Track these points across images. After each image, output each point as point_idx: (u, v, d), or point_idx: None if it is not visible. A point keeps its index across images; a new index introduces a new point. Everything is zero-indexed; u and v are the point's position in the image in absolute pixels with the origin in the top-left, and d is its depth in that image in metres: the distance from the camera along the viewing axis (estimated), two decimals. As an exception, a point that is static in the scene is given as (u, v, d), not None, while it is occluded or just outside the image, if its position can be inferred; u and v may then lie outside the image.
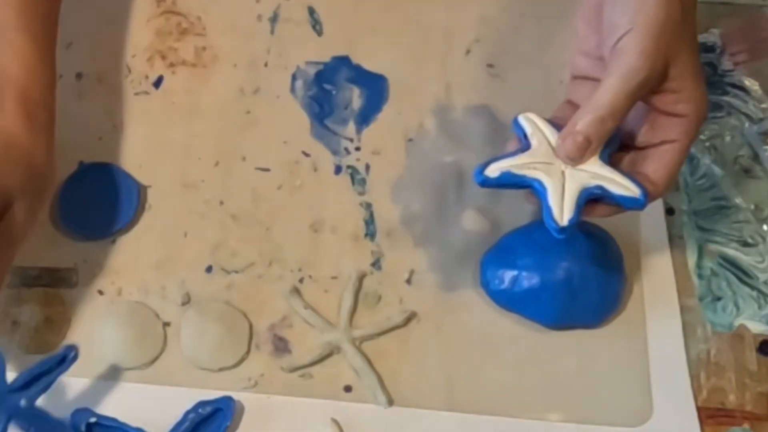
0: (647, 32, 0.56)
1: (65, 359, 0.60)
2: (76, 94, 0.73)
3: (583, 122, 0.57)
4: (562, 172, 0.58)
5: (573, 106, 0.62)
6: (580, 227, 0.68)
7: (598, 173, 0.58)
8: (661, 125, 0.59)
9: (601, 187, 0.58)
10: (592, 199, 0.58)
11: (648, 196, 0.58)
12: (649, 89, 0.57)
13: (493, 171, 0.58)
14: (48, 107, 0.63)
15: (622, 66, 0.56)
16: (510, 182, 0.58)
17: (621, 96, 0.56)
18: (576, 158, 0.58)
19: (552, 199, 0.57)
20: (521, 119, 0.60)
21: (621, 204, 0.58)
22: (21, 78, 0.61)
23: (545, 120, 0.60)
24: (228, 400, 0.63)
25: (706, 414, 0.65)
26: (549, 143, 0.59)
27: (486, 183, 0.58)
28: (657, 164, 0.59)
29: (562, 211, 0.57)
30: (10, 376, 0.64)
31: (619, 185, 0.58)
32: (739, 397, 0.65)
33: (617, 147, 0.60)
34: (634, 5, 0.57)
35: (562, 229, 0.57)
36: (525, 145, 0.60)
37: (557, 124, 0.60)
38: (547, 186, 0.58)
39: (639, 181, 0.58)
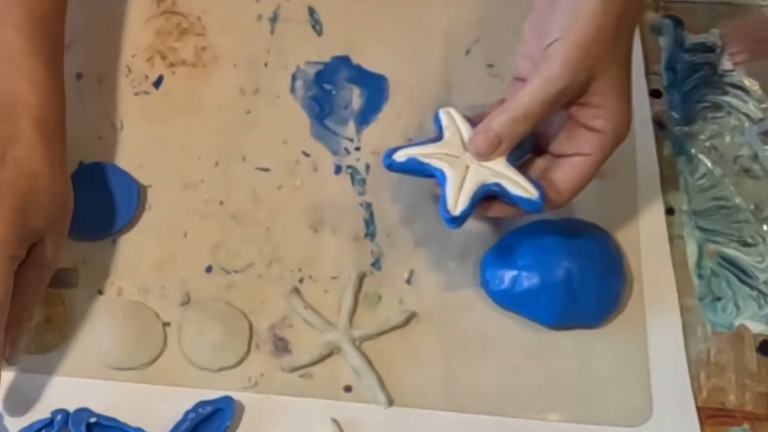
0: (575, 43, 0.56)
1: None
2: (76, 94, 0.72)
3: (497, 121, 0.58)
4: (467, 167, 0.59)
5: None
6: (580, 227, 0.68)
7: (500, 172, 0.59)
8: (578, 137, 0.59)
9: (499, 185, 0.59)
10: (490, 196, 0.60)
11: (548, 203, 0.59)
12: (569, 99, 0.58)
13: (401, 156, 0.60)
14: (62, 134, 0.63)
15: (544, 72, 0.57)
16: (414, 169, 0.60)
17: (538, 101, 0.57)
18: (484, 154, 0.59)
19: (449, 189, 0.59)
20: (441, 112, 0.62)
21: (518, 204, 0.59)
22: (36, 107, 0.61)
23: (464, 116, 0.61)
24: (228, 400, 0.63)
25: (706, 414, 0.65)
26: (461, 138, 0.60)
27: (392, 167, 0.60)
28: (565, 174, 0.60)
29: (457, 202, 0.58)
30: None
31: (518, 186, 0.59)
32: (739, 397, 0.65)
33: (528, 151, 0.62)
34: (569, 15, 0.57)
35: (453, 219, 0.58)
36: (438, 137, 0.61)
37: (478, 120, 0.61)
38: (447, 176, 0.59)
39: (545, 187, 0.60)
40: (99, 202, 0.68)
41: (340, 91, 0.73)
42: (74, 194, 0.68)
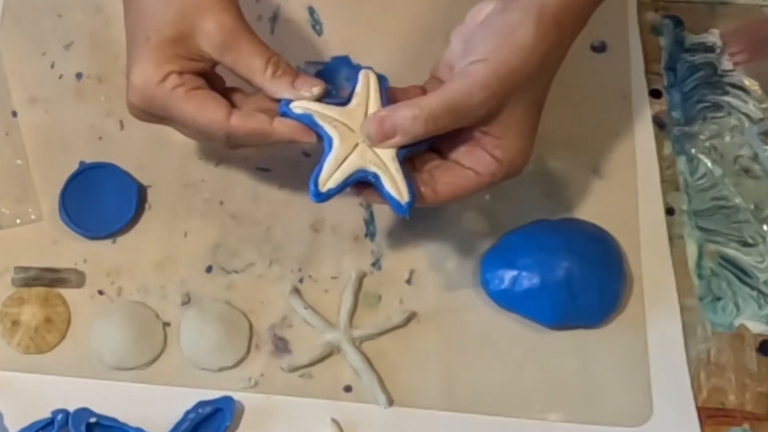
0: (496, 70, 0.56)
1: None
2: (76, 94, 0.73)
3: (399, 114, 0.57)
4: (356, 145, 0.58)
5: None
6: (580, 227, 0.68)
7: (384, 163, 0.58)
8: (477, 155, 0.59)
9: (376, 177, 0.58)
10: (365, 182, 0.58)
11: (420, 198, 0.58)
12: (473, 121, 0.57)
13: (298, 107, 0.59)
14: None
15: (459, 85, 0.57)
16: (307, 124, 0.58)
17: (443, 109, 0.56)
18: (374, 141, 0.58)
19: (327, 164, 0.57)
20: (361, 75, 0.60)
21: (387, 201, 0.58)
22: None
23: (382, 87, 0.60)
24: (228, 400, 0.64)
25: (706, 414, 0.65)
26: (366, 112, 0.59)
27: (286, 115, 0.58)
28: (451, 180, 0.59)
29: (329, 179, 0.57)
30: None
31: (394, 185, 0.57)
32: (739, 397, 0.65)
33: (422, 150, 0.60)
34: (497, 40, 0.57)
35: (318, 194, 0.57)
36: (346, 101, 0.60)
37: (394, 99, 0.59)
38: (333, 148, 0.58)
39: (425, 182, 0.58)
40: (99, 202, 0.68)
41: (340, 91, 0.73)
42: (74, 194, 0.68)
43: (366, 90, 0.60)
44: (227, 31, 0.58)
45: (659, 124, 0.73)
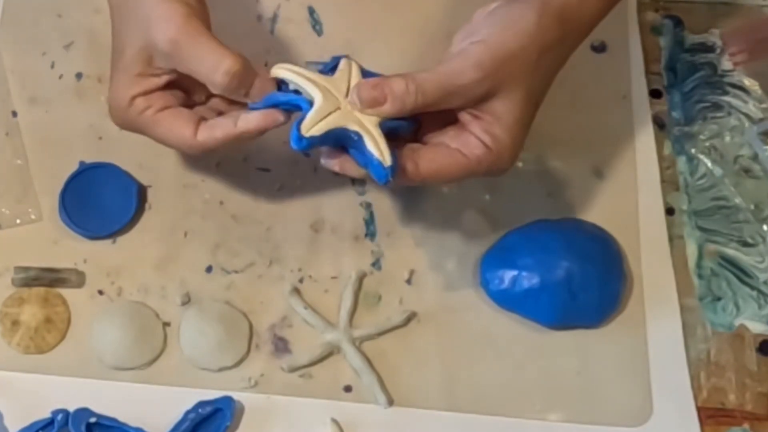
0: (492, 51, 0.56)
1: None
2: (76, 94, 0.73)
3: (393, 81, 0.56)
4: (338, 108, 0.57)
5: None
6: (580, 227, 0.68)
7: (366, 126, 0.57)
8: (464, 138, 0.58)
9: (358, 135, 0.56)
10: (344, 147, 0.57)
11: (401, 175, 0.57)
12: (463, 100, 0.57)
13: (282, 69, 0.59)
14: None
15: (454, 63, 0.56)
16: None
17: (435, 84, 0.56)
18: (364, 104, 0.57)
19: (312, 112, 0.57)
20: (343, 61, 0.60)
21: (368, 167, 0.57)
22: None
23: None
24: (228, 400, 0.64)
25: (706, 414, 0.65)
26: (348, 86, 0.58)
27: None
28: (434, 156, 0.58)
29: (310, 127, 0.56)
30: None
31: (377, 147, 0.56)
32: (739, 397, 0.66)
33: (406, 131, 0.59)
34: (500, 25, 0.57)
35: (301, 139, 0.56)
36: (330, 71, 0.60)
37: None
38: (316, 102, 0.57)
39: (406, 157, 0.57)
40: (99, 202, 0.68)
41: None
42: (74, 194, 0.68)
43: (348, 69, 0.59)
44: (169, 41, 0.57)
45: (659, 124, 0.73)
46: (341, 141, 0.57)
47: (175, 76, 0.60)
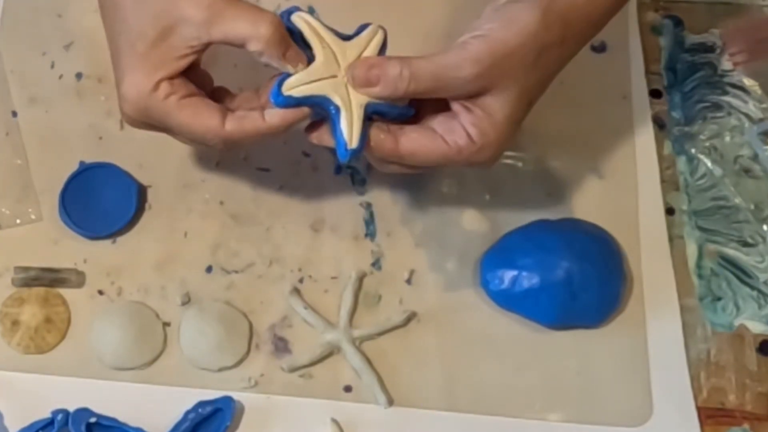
0: (492, 47, 0.56)
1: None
2: (76, 94, 0.73)
3: (389, 65, 0.56)
4: (334, 76, 0.57)
5: None
6: (580, 227, 0.68)
7: (351, 105, 0.56)
8: (450, 125, 0.57)
9: (337, 110, 0.56)
10: (322, 117, 0.57)
11: (374, 149, 0.57)
12: (456, 93, 0.57)
13: (298, 18, 0.58)
14: None
15: (452, 55, 0.56)
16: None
17: (429, 74, 0.56)
18: (357, 82, 0.57)
19: (301, 74, 0.56)
20: (372, 26, 0.60)
21: (334, 140, 0.57)
22: None
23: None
24: (228, 400, 0.64)
25: (706, 414, 0.65)
26: (334, 55, 0.58)
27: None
28: (416, 136, 0.57)
29: (293, 87, 0.56)
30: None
31: (349, 127, 0.56)
32: (739, 397, 0.66)
33: (388, 116, 0.58)
34: (502, 21, 0.56)
35: (278, 95, 0.56)
36: (348, 37, 0.59)
37: (338, 33, 0.59)
38: (312, 64, 0.57)
39: (387, 132, 0.57)
40: (99, 202, 0.68)
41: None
42: (74, 194, 0.68)
43: (369, 39, 0.59)
44: (206, 6, 0.56)
45: (659, 124, 0.73)
46: (320, 109, 0.57)
47: (196, 59, 0.58)
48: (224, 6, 0.57)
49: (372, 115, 0.57)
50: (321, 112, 0.57)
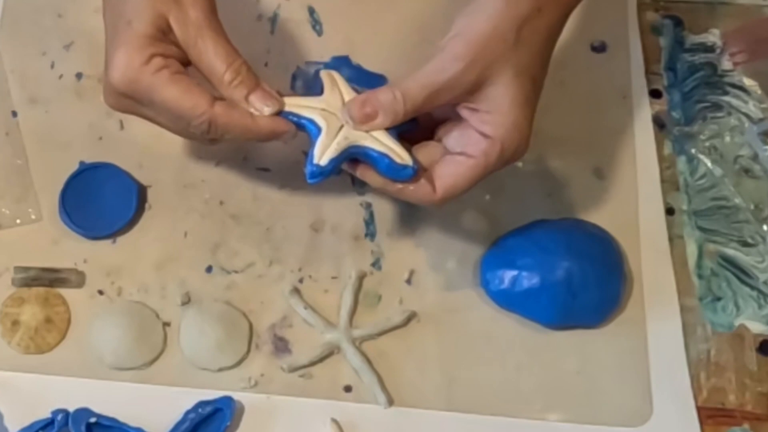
0: (468, 39, 0.56)
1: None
2: (76, 94, 0.73)
3: (379, 94, 0.57)
4: (342, 126, 0.58)
5: None
6: (580, 227, 0.68)
7: (377, 138, 0.57)
8: (467, 137, 0.57)
9: (372, 149, 0.57)
10: (358, 159, 0.58)
11: (421, 194, 0.57)
12: (456, 94, 0.56)
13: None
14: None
15: (434, 62, 0.56)
16: (288, 117, 0.58)
17: (419, 87, 0.56)
18: (357, 122, 0.57)
19: (320, 143, 0.57)
20: (322, 73, 0.60)
21: (388, 172, 0.57)
22: None
23: (349, 84, 0.60)
24: (228, 400, 0.64)
25: (706, 414, 0.65)
26: (342, 100, 0.59)
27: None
28: (443, 170, 0.58)
29: (324, 153, 0.57)
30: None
31: (393, 152, 0.57)
32: (739, 397, 0.66)
33: (411, 131, 0.59)
34: (470, 13, 0.57)
35: (319, 170, 0.57)
36: (319, 92, 0.60)
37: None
38: (321, 127, 0.58)
39: (423, 178, 0.58)
40: (99, 202, 0.68)
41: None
42: (74, 194, 0.68)
43: (332, 83, 0.60)
44: (192, 26, 0.57)
45: (659, 124, 0.73)
46: (357, 156, 0.58)
47: (185, 56, 0.59)
48: (207, 35, 0.58)
49: (367, 155, 0.58)
50: (357, 157, 0.58)
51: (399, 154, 0.57)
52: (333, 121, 0.58)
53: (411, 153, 0.58)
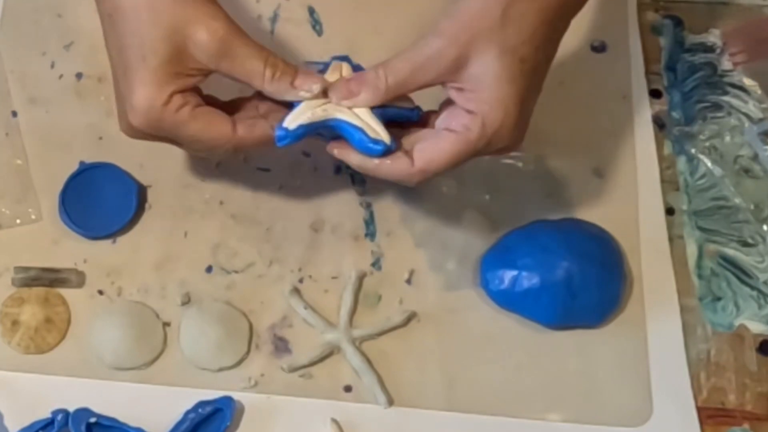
0: (454, 17, 0.56)
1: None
2: (76, 94, 0.73)
3: (365, 73, 0.58)
4: (325, 102, 0.58)
5: None
6: (580, 227, 0.68)
7: (358, 115, 0.58)
8: (455, 115, 0.57)
9: (344, 121, 0.57)
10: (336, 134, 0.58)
11: (397, 167, 0.57)
12: (438, 73, 0.56)
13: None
14: None
15: (420, 40, 0.57)
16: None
17: (401, 62, 0.57)
18: (340, 97, 0.58)
19: (297, 108, 0.58)
20: (334, 62, 0.61)
21: (360, 147, 0.57)
22: None
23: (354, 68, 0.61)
24: (228, 400, 0.64)
25: (706, 414, 0.65)
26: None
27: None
28: (422, 146, 0.58)
29: (295, 120, 0.57)
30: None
31: (370, 129, 0.57)
32: (739, 397, 0.66)
33: (408, 119, 0.59)
34: None
35: (286, 133, 0.57)
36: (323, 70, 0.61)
37: None
38: (303, 101, 0.58)
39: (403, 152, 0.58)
40: (99, 202, 0.68)
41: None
42: (74, 194, 0.68)
43: (339, 69, 0.60)
44: (220, 39, 0.57)
45: (659, 124, 0.73)
46: (336, 132, 0.58)
47: (203, 80, 0.59)
48: (236, 42, 0.58)
49: (388, 122, 0.58)
50: (335, 133, 0.58)
51: (374, 129, 0.57)
52: (319, 97, 0.58)
53: (395, 137, 0.57)
